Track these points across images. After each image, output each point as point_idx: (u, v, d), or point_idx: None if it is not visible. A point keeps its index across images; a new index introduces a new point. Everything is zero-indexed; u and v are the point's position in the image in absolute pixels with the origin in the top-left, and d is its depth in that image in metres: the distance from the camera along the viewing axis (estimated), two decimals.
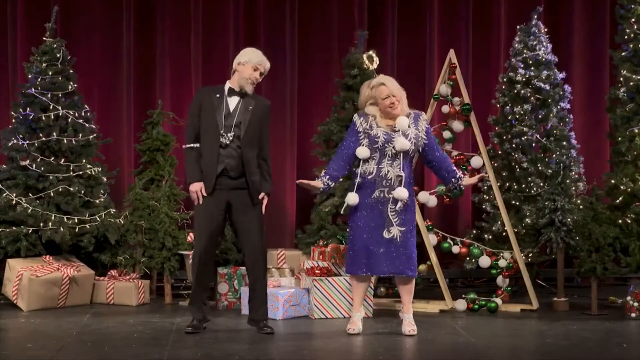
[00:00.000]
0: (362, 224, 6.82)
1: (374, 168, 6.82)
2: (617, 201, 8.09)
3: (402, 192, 6.73)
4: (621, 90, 8.34)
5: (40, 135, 8.39)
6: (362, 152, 6.83)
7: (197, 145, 6.81)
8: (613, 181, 8.14)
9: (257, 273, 6.86)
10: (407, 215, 6.81)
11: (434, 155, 6.94)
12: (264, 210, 6.85)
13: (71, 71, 8.60)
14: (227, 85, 6.89)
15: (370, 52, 8.82)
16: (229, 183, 6.79)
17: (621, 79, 8.36)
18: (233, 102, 6.84)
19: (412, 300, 7.00)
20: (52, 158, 8.37)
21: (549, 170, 8.82)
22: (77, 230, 8.23)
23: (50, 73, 8.46)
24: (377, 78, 7.05)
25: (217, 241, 7.00)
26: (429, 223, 8.37)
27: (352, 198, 6.83)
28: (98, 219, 8.34)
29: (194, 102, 6.91)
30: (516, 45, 9.07)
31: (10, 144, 8.36)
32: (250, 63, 6.84)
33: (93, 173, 8.54)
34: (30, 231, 8.12)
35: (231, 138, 6.76)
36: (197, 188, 6.78)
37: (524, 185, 8.87)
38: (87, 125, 8.57)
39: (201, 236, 6.82)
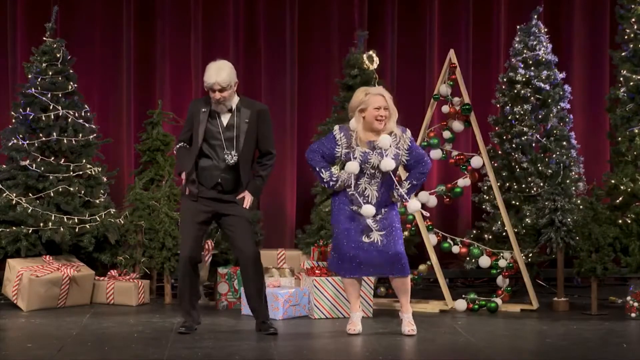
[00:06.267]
0: (343, 228, 6.84)
1: (352, 183, 6.82)
2: (617, 201, 8.09)
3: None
4: (621, 90, 8.34)
5: (40, 135, 8.39)
6: (352, 167, 6.78)
7: (187, 145, 6.87)
8: (613, 181, 8.13)
9: (249, 277, 6.86)
10: (388, 220, 6.81)
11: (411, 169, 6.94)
12: (246, 205, 6.81)
13: (71, 71, 8.60)
14: None
15: (370, 52, 8.81)
16: (219, 196, 6.79)
17: (621, 79, 8.36)
18: (225, 118, 6.80)
19: (410, 299, 7.00)
20: (52, 158, 8.37)
21: (549, 170, 8.82)
22: (77, 230, 8.23)
23: (50, 73, 8.46)
24: (376, 88, 7.01)
25: (201, 245, 6.97)
26: (429, 223, 8.37)
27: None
28: (98, 219, 8.34)
29: (187, 114, 6.93)
30: (516, 45, 9.06)
31: (10, 144, 8.36)
32: (206, 87, 6.76)
33: (93, 173, 8.54)
34: (30, 231, 8.12)
35: (233, 155, 6.75)
36: (184, 176, 6.81)
37: (524, 185, 8.87)
38: (87, 125, 8.57)
39: (186, 242, 6.80)
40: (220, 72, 6.69)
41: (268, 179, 6.98)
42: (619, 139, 8.28)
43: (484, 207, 9.05)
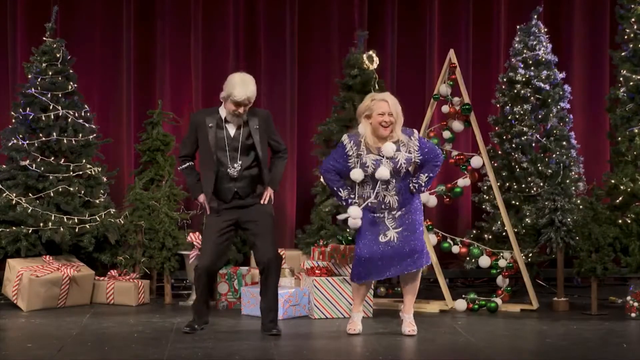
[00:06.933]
0: (363, 233, 6.84)
1: (370, 193, 6.82)
2: (617, 201, 8.09)
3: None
4: (621, 90, 8.34)
5: (40, 135, 8.39)
6: (357, 174, 6.79)
7: (192, 163, 6.91)
8: (613, 181, 8.14)
9: (268, 279, 6.87)
10: (407, 218, 6.80)
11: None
12: (265, 201, 6.83)
13: (71, 71, 8.60)
14: (223, 111, 6.82)
15: (370, 52, 8.81)
16: (239, 203, 6.81)
17: (621, 79, 8.36)
18: (232, 129, 6.79)
19: (414, 299, 6.99)
20: (52, 158, 8.37)
21: (549, 170, 8.82)
22: (77, 230, 8.24)
23: (50, 73, 8.46)
24: (383, 94, 7.00)
25: (223, 257, 7.00)
26: (429, 223, 8.37)
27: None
28: (98, 219, 8.34)
29: (190, 126, 6.91)
30: (516, 45, 9.07)
31: (10, 144, 8.37)
32: (230, 99, 6.70)
33: (93, 173, 8.54)
34: (30, 231, 8.12)
35: (237, 167, 6.76)
36: (202, 199, 6.85)
37: (524, 185, 8.87)
38: (87, 125, 8.58)
39: (207, 251, 6.83)
40: (248, 87, 6.68)
41: (284, 168, 7.03)
42: (619, 139, 8.28)
43: (484, 207, 9.05)
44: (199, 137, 6.82)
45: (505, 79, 9.07)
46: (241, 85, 6.68)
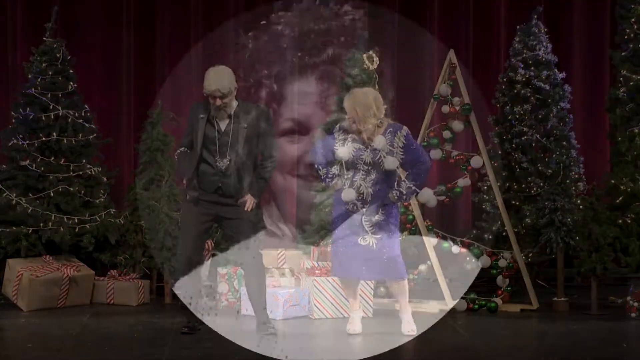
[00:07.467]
0: (339, 231, 6.84)
1: (351, 179, 6.82)
2: (617, 201, 8.09)
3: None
4: (621, 90, 8.34)
5: (40, 135, 8.39)
6: (342, 152, 6.79)
7: (187, 149, 6.83)
8: (613, 181, 8.14)
9: (251, 279, 6.85)
10: (385, 222, 6.78)
11: (408, 169, 6.90)
12: (248, 208, 6.76)
13: (71, 71, 8.60)
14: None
15: (370, 52, 8.81)
16: (220, 200, 6.77)
17: (621, 79, 8.36)
18: (223, 123, 6.76)
19: (409, 299, 6.99)
20: (52, 158, 8.37)
21: (549, 170, 8.82)
22: (77, 230, 8.24)
23: (50, 73, 8.46)
24: (349, 93, 6.97)
25: (202, 247, 6.96)
26: (429, 223, 8.36)
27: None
28: (98, 219, 8.34)
29: (188, 116, 6.89)
30: (516, 45, 9.07)
31: (10, 144, 8.36)
32: (205, 93, 6.68)
33: (93, 173, 8.54)
34: (30, 231, 8.12)
35: (225, 162, 6.73)
36: (185, 181, 6.81)
37: (524, 185, 8.87)
38: (87, 125, 8.58)
39: (186, 243, 6.80)
40: (220, 78, 6.61)
41: (269, 181, 6.99)
42: (619, 139, 8.27)
43: (484, 207, 9.04)
44: (192, 127, 6.80)
45: (505, 79, 9.07)
46: (212, 76, 6.62)
